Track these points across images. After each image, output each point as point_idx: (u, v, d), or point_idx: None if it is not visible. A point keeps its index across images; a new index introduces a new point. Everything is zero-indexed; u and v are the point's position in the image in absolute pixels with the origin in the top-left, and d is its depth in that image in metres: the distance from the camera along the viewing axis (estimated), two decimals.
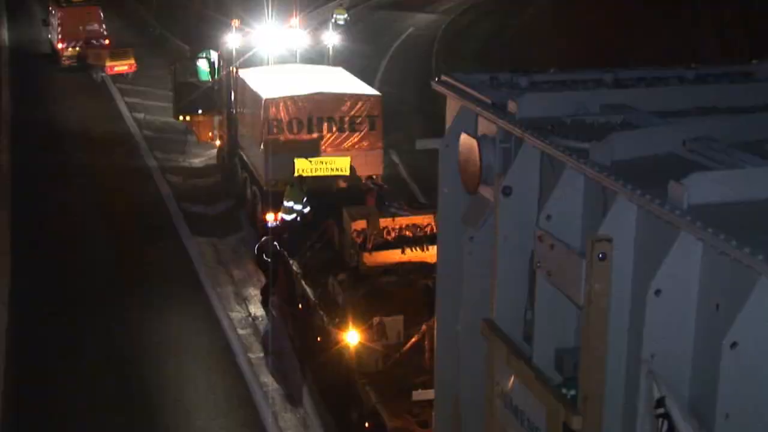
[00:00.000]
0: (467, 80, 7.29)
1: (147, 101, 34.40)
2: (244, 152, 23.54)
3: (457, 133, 7.11)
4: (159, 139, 29.69)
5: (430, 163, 8.05)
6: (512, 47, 42.93)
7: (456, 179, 7.13)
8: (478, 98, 6.92)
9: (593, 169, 5.38)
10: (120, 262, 20.82)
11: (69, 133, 30.78)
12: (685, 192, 4.65)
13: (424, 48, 45.65)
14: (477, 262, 6.99)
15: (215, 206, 24.09)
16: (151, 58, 42.32)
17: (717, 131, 5.67)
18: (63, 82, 38.37)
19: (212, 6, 50.93)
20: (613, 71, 7.21)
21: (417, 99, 33.42)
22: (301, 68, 24.97)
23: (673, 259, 4.76)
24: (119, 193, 25.23)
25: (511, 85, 7.12)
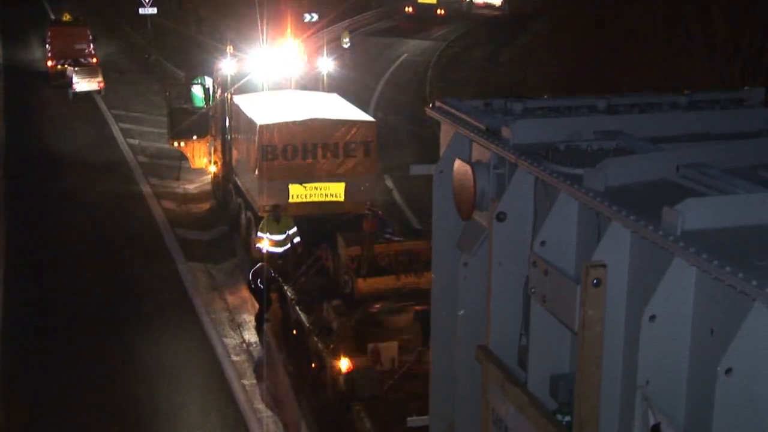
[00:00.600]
0: (461, 106, 7.32)
1: (141, 127, 34.45)
2: (239, 178, 23.56)
3: (451, 159, 7.13)
4: (153, 165, 29.71)
5: (424, 189, 8.06)
6: (506, 73, 43.13)
7: (450, 205, 7.14)
8: (472, 124, 6.94)
9: (587, 195, 5.40)
10: (114, 287, 20.77)
11: (63, 159, 30.78)
12: (678, 218, 4.66)
13: (418, 74, 45.86)
14: (471, 287, 6.99)
15: (210, 232, 24.08)
16: (145, 84, 42.47)
17: (710, 157, 5.70)
18: (57, 107, 38.42)
19: (207, 32, 51.20)
20: (607, 98, 7.24)
21: (411, 125, 33.52)
22: (296, 94, 25.04)
23: (667, 284, 4.76)
24: (113, 219, 25.22)
25: (504, 111, 7.15)
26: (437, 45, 53.58)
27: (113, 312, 19.49)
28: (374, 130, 21.74)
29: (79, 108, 38.31)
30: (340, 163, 21.27)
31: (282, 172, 20.96)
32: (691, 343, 4.80)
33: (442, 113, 7.47)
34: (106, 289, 20.67)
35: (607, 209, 5.20)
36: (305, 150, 21.17)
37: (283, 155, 21.05)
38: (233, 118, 24.18)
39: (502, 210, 6.35)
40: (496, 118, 6.92)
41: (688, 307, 4.78)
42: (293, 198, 20.97)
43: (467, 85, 42.45)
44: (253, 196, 21.78)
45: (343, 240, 16.30)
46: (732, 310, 4.38)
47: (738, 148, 6.01)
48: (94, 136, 33.87)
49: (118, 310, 19.58)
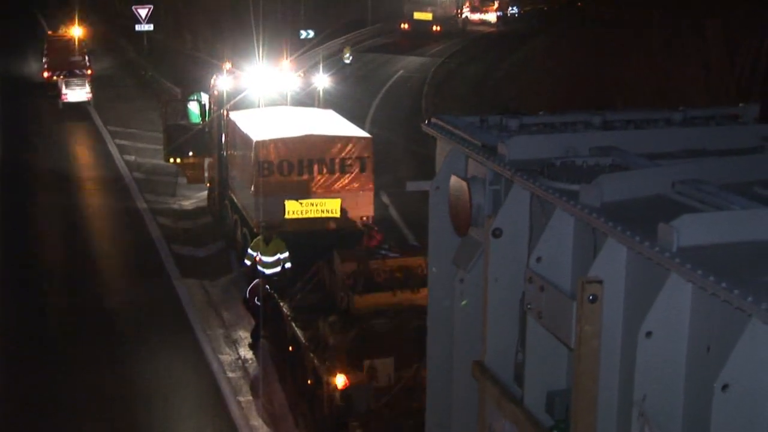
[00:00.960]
0: (457, 122, 7.34)
1: (137, 143, 34.45)
2: (235, 194, 23.56)
3: (447, 175, 7.15)
4: (149, 182, 29.69)
5: (420, 205, 8.07)
6: (501, 90, 43.23)
7: (446, 221, 7.15)
8: (468, 140, 6.96)
9: (583, 211, 5.41)
10: (109, 303, 20.72)
11: (59, 175, 30.77)
12: (674, 234, 4.67)
13: (414, 90, 45.97)
14: (468, 303, 6.99)
15: (205, 248, 24.05)
16: (141, 101, 42.51)
17: (705, 173, 5.71)
18: (53, 124, 38.43)
19: (203, 48, 51.32)
20: (602, 114, 7.26)
21: (407, 141, 33.56)
22: (292, 110, 25.07)
23: (663, 301, 4.77)
24: (109, 235, 25.19)
25: (500, 128, 7.17)
26: (433, 61, 53.74)
27: (108, 328, 19.43)
28: (370, 146, 21.76)
29: (75, 124, 38.33)
30: (336, 179, 21.28)
31: (278, 188, 20.96)
32: (688, 359, 4.80)
33: (438, 129, 7.49)
34: (100, 304, 20.61)
35: (603, 225, 5.20)
36: (301, 166, 21.19)
37: (279, 171, 21.06)
38: (229, 134, 24.20)
39: (498, 226, 6.36)
40: (491, 134, 6.93)
41: (684, 323, 4.78)
42: (289, 214, 20.97)
43: (463, 101, 42.54)
44: (249, 212, 21.78)
45: (339, 256, 16.29)
46: (728, 326, 4.39)
47: (733, 164, 6.03)
48: (89, 152, 33.88)
49: (113, 327, 19.52)
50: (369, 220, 21.25)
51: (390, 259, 16.33)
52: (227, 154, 24.53)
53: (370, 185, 21.80)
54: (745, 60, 26.57)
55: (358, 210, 21.09)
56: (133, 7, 48.21)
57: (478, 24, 69.25)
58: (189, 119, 26.76)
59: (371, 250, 16.74)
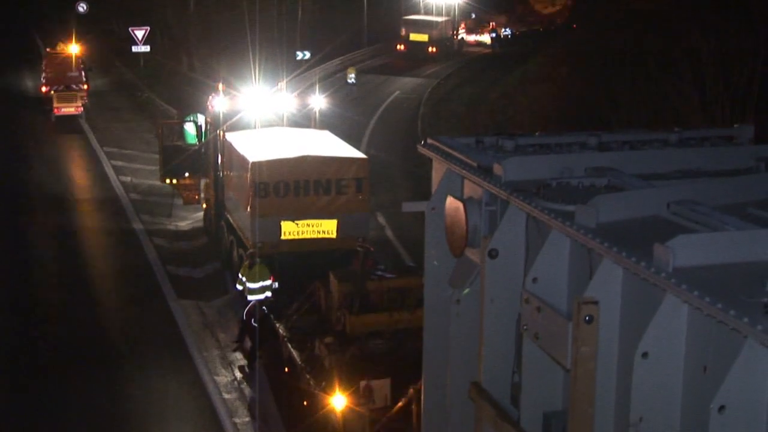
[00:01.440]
0: (453, 143, 7.36)
1: (134, 164, 34.46)
2: (231, 215, 23.56)
3: (443, 196, 7.15)
4: (145, 202, 29.69)
5: (416, 226, 8.07)
6: (497, 111, 43.35)
7: (442, 242, 7.15)
8: (464, 161, 6.97)
9: (579, 232, 5.41)
10: (105, 324, 20.67)
11: (55, 196, 30.75)
12: (670, 254, 4.67)
13: (410, 111, 46.08)
14: (464, 324, 6.98)
15: (201, 269, 24.02)
16: (138, 122, 42.56)
17: (700, 194, 5.72)
18: (49, 145, 38.46)
19: (199, 69, 51.44)
20: (597, 135, 7.28)
21: (403, 162, 33.61)
22: (288, 131, 25.12)
23: (659, 321, 4.76)
24: (105, 256, 25.16)
25: (496, 148, 7.19)
26: (429, 82, 53.90)
27: (104, 349, 19.37)
28: (366, 167, 21.79)
29: (72, 145, 38.35)
30: (333, 200, 21.29)
31: (274, 208, 20.97)
32: (684, 380, 4.80)
33: (434, 150, 7.50)
34: (96, 326, 20.56)
35: (598, 246, 5.21)
36: (297, 187, 21.20)
37: (275, 192, 21.07)
38: (225, 155, 24.23)
39: (494, 247, 6.36)
40: (487, 155, 6.95)
41: (680, 344, 4.78)
42: (285, 235, 20.96)
43: (459, 122, 42.64)
44: (245, 233, 21.77)
45: (335, 277, 16.28)
46: (724, 347, 4.38)
47: (728, 185, 6.04)
48: (86, 173, 33.88)
49: (109, 348, 19.47)
50: (365, 241, 21.25)
51: (386, 279, 16.32)
52: (223, 175, 24.56)
53: (366, 206, 21.82)
54: (740, 81, 26.68)
55: (354, 231, 21.08)
56: (130, 28, 48.35)
57: (474, 45, 69.52)
58: (185, 140, 26.79)
59: (367, 270, 16.73)
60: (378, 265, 17.45)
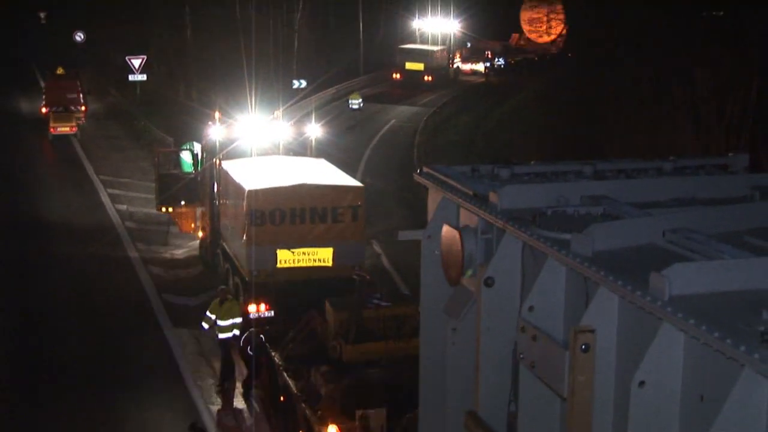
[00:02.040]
0: (449, 172, 7.37)
1: (130, 192, 34.47)
2: (227, 243, 23.54)
3: (439, 224, 7.15)
4: (141, 231, 29.67)
5: (412, 254, 8.07)
6: (493, 139, 43.47)
7: (438, 270, 7.14)
8: (459, 190, 6.98)
9: (575, 260, 5.41)
10: (100, 353, 20.58)
11: (50, 224, 30.72)
12: (666, 283, 4.67)
13: (406, 139, 46.19)
14: (460, 353, 6.96)
15: (197, 297, 23.96)
16: (134, 150, 42.61)
17: (696, 222, 5.73)
18: (45, 173, 38.49)
19: (196, 98, 51.59)
20: (593, 163, 7.30)
21: (399, 190, 33.65)
22: (284, 160, 25.16)
23: (656, 350, 4.75)
24: (100, 285, 25.08)
25: (492, 177, 7.20)
26: (425, 111, 54.06)
27: (99, 378, 19.28)
28: (362, 195, 21.81)
29: (68, 173, 38.37)
30: (328, 228, 21.29)
31: (270, 237, 20.95)
32: (681, 409, 4.78)
33: (430, 179, 7.51)
34: (91, 354, 20.48)
35: (594, 274, 5.21)
36: (293, 215, 21.20)
37: (271, 220, 21.07)
38: (221, 183, 24.25)
39: (490, 275, 6.35)
40: (483, 183, 6.96)
41: (677, 373, 4.77)
42: (281, 263, 20.94)
43: (455, 150, 42.74)
44: (240, 261, 21.75)
45: (331, 305, 16.24)
46: (721, 375, 4.37)
47: (723, 214, 6.05)
48: (82, 201, 33.84)
49: (104, 376, 19.37)
50: (361, 269, 21.22)
51: (382, 308, 16.28)
52: (219, 203, 24.56)
53: (362, 234, 21.82)
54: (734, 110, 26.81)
55: (350, 259, 21.06)
56: (126, 57, 48.55)
57: (469, 74, 69.84)
58: (181, 168, 26.82)
59: (363, 299, 16.70)
60: (374, 293, 17.42)
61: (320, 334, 16.61)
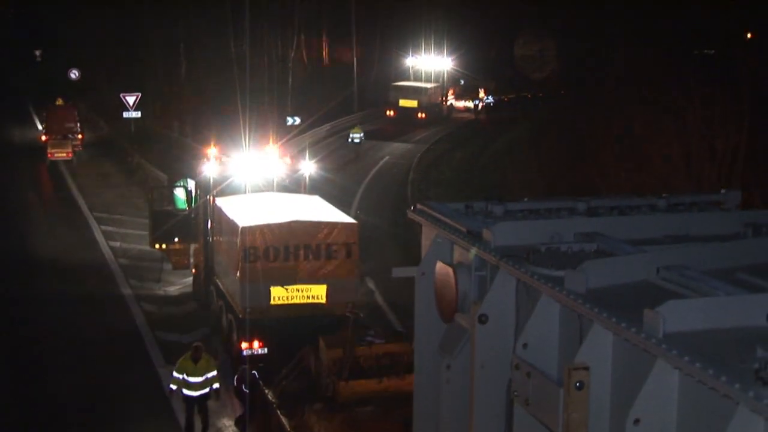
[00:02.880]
0: (442, 209, 7.38)
1: (123, 229, 34.44)
2: (220, 280, 23.49)
3: (432, 261, 7.16)
4: (134, 268, 29.60)
5: (406, 291, 8.06)
6: (486, 176, 43.59)
7: (432, 307, 7.13)
8: (453, 227, 6.99)
9: (568, 297, 5.41)
10: (92, 391, 20.45)
11: (43, 261, 30.64)
12: (660, 320, 4.67)
13: (399, 176, 46.29)
14: (454, 390, 6.93)
15: (190, 334, 23.85)
16: (128, 186, 42.64)
17: (689, 259, 5.74)
18: (39, 210, 38.46)
19: (190, 135, 51.70)
20: (586, 200, 7.32)
21: (393, 227, 33.67)
22: (278, 196, 25.17)
23: (650, 387, 4.74)
24: (93, 322, 24.96)
25: (485, 214, 7.21)
26: (418, 147, 54.22)
27: (91, 416, 19.16)
28: (356, 232, 21.81)
29: (61, 209, 38.36)
30: (322, 265, 21.26)
31: (263, 273, 20.91)
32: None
33: (424, 215, 7.52)
34: (84, 391, 20.36)
35: (588, 311, 5.20)
36: (287, 252, 21.18)
37: (264, 257, 21.04)
38: (215, 220, 24.24)
39: (483, 312, 6.35)
40: (476, 220, 6.97)
41: (672, 410, 4.75)
42: (275, 300, 20.88)
43: (448, 187, 42.84)
44: (234, 298, 21.68)
45: (324, 343, 16.19)
46: (716, 413, 4.36)
47: (716, 251, 6.06)
48: (75, 238, 33.79)
49: (97, 414, 19.25)
50: (354, 306, 21.16)
51: (376, 345, 16.24)
52: (213, 240, 24.53)
53: (355, 271, 21.79)
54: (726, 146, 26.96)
55: (343, 296, 21.00)
56: (121, 94, 48.68)
57: (463, 111, 70.14)
58: (175, 205, 26.81)
59: (357, 336, 16.65)
60: (368, 330, 17.37)
61: (314, 372, 16.54)
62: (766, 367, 4.16)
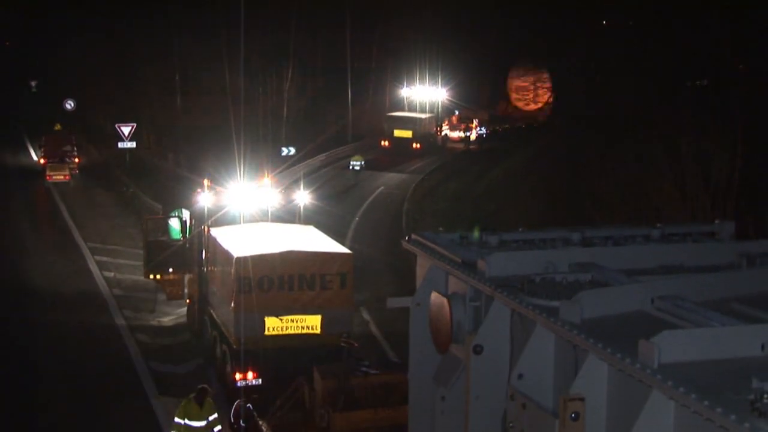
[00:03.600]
0: (437, 239, 7.39)
1: (117, 260, 34.37)
2: (214, 310, 23.42)
3: (427, 292, 7.15)
4: (129, 298, 29.50)
5: (401, 321, 8.05)
6: (481, 206, 43.64)
7: (427, 338, 7.12)
8: (448, 257, 6.99)
9: (563, 328, 5.40)
10: (86, 422, 20.33)
11: (36, 291, 30.53)
12: (655, 351, 4.66)
13: (394, 206, 46.32)
14: (449, 421, 6.90)
15: (184, 365, 23.76)
16: (123, 217, 42.60)
17: (684, 290, 5.75)
18: (33, 239, 38.39)
19: (185, 165, 51.74)
20: (581, 230, 7.34)
21: (387, 257, 33.64)
22: (273, 227, 25.16)
23: (646, 418, 4.73)
24: (86, 352, 24.84)
25: (480, 244, 7.22)
26: (413, 178, 54.30)
27: None
28: (350, 263, 21.78)
29: (56, 239, 38.30)
30: (316, 296, 21.21)
31: (258, 304, 20.84)
32: None
33: (418, 246, 7.53)
34: (77, 422, 20.23)
35: (583, 342, 5.20)
36: (281, 282, 21.13)
37: (259, 287, 20.98)
38: (210, 250, 24.21)
39: (478, 343, 6.34)
40: (471, 250, 6.98)
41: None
42: (269, 330, 20.81)
43: (443, 217, 42.84)
44: (228, 328, 21.60)
45: (319, 373, 16.13)
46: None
47: (711, 281, 6.07)
48: (69, 269, 33.70)
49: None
50: (349, 336, 21.10)
51: (371, 376, 16.18)
52: (207, 270, 24.48)
53: (350, 301, 21.74)
54: (720, 177, 27.03)
55: (338, 326, 20.93)
56: (116, 125, 48.78)
57: (457, 141, 70.35)
58: (170, 235, 26.77)
59: (352, 367, 16.60)
60: (362, 361, 17.31)
61: (308, 402, 16.47)
62: (761, 398, 4.16)
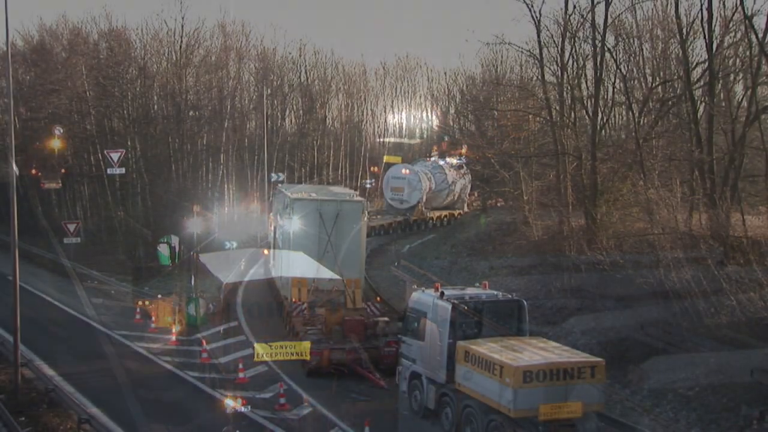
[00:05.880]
0: None
1: (105, 286, 34.18)
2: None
3: None
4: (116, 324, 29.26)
5: None
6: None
7: None
8: None
9: None
10: None
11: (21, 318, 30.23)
12: (645, 376, 4.68)
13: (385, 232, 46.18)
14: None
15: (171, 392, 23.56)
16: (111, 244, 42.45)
17: (673, 315, 5.77)
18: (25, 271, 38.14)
19: (174, 192, 51.75)
20: (571, 257, 7.35)
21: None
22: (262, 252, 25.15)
23: None
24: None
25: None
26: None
27: None
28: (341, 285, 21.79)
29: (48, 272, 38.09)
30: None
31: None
32: None
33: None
34: None
35: None
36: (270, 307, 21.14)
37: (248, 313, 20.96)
38: (199, 276, 24.17)
39: None
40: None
41: None
42: (258, 357, 20.77)
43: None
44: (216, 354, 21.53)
45: None
46: None
47: (700, 307, 6.10)
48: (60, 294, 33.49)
49: None
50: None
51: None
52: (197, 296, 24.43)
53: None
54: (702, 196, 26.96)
55: None
56: (106, 151, 48.76)
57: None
58: (159, 261, 26.71)
59: None
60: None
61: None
62: (751, 424, 4.18)
